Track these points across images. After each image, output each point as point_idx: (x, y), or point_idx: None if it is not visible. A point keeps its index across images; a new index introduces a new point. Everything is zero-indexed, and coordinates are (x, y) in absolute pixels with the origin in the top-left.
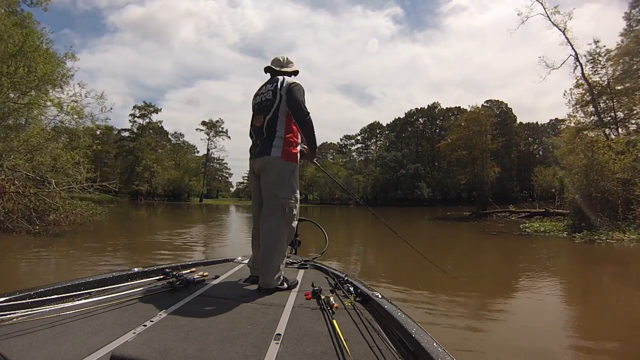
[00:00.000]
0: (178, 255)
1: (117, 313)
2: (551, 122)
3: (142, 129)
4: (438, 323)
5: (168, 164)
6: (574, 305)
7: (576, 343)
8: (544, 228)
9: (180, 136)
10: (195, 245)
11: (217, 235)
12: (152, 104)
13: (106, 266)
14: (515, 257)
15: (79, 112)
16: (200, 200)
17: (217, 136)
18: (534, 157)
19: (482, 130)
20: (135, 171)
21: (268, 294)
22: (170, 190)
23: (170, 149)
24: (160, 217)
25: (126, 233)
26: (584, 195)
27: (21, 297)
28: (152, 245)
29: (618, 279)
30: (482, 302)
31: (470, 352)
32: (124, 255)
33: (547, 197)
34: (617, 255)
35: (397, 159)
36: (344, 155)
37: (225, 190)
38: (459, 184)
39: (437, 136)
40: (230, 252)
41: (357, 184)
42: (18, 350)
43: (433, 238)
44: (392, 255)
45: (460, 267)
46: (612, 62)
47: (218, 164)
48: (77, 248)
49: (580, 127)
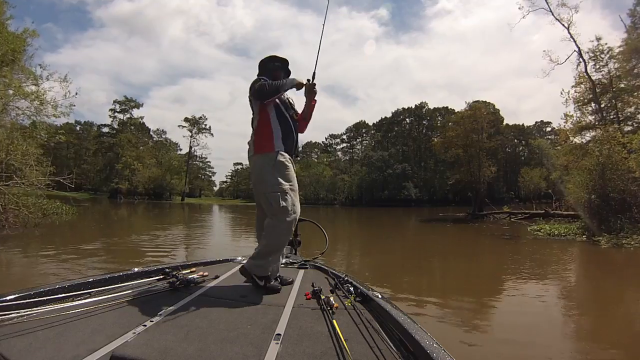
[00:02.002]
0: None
1: (117, 313)
2: (537, 125)
3: (122, 124)
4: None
5: (149, 162)
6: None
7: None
8: (558, 231)
9: (163, 133)
10: (174, 250)
11: (199, 236)
12: (134, 99)
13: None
14: (551, 268)
15: (40, 97)
16: (182, 199)
17: (200, 133)
18: (520, 158)
19: (479, 127)
20: (114, 168)
21: (265, 293)
22: (151, 188)
23: (152, 146)
24: (137, 216)
25: (91, 236)
26: (600, 195)
27: (21, 297)
28: (118, 253)
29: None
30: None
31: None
32: (71, 266)
33: (533, 198)
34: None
35: (384, 159)
36: (329, 154)
37: (208, 189)
38: (447, 184)
39: (424, 136)
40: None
41: (343, 183)
42: (18, 350)
43: (443, 244)
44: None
45: (507, 286)
46: (617, 59)
47: (201, 162)
48: (17, 254)
49: (582, 125)
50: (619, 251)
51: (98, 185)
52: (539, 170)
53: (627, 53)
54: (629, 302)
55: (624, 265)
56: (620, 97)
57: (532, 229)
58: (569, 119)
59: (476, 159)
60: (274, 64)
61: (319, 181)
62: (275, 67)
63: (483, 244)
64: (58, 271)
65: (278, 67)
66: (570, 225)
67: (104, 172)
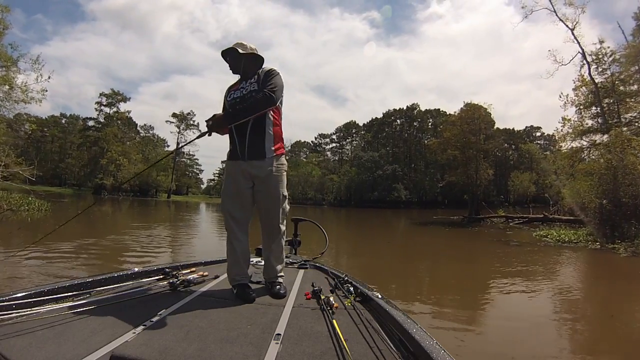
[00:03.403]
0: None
1: (117, 313)
2: (526, 129)
3: (108, 118)
4: None
5: (135, 157)
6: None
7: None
8: (568, 238)
9: (151, 129)
10: (156, 254)
11: (185, 237)
12: (121, 92)
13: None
14: (579, 281)
15: (9, 81)
16: (168, 196)
17: (187, 129)
18: (510, 162)
19: (476, 128)
20: (99, 163)
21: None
22: (136, 185)
23: (139, 142)
24: (121, 214)
25: (60, 235)
26: (612, 201)
27: (21, 297)
28: (90, 258)
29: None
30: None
31: None
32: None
33: (523, 202)
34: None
35: (374, 160)
36: (318, 154)
37: (195, 187)
38: (437, 186)
39: (415, 138)
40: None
41: (332, 183)
42: (18, 350)
43: (451, 251)
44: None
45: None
46: (621, 63)
47: (189, 159)
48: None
49: (583, 129)
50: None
51: (83, 181)
52: (528, 175)
53: (632, 56)
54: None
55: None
56: (623, 101)
57: (538, 235)
58: (567, 123)
59: (474, 160)
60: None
61: (308, 181)
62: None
63: (493, 252)
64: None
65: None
66: (578, 232)
67: (88, 167)
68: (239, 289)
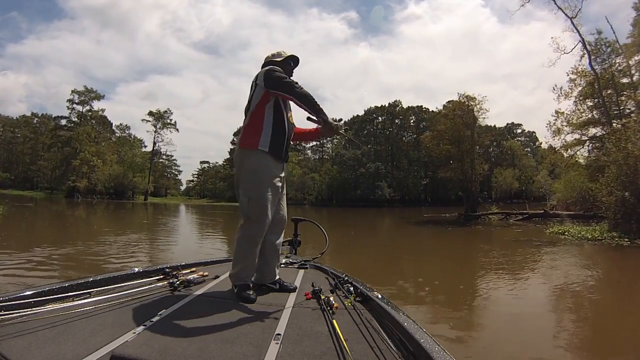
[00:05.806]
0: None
1: (117, 313)
2: (507, 126)
3: (81, 117)
4: None
5: (110, 158)
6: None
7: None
8: (590, 235)
9: (127, 128)
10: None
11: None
12: (94, 90)
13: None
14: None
15: None
16: (145, 198)
17: (164, 128)
18: (492, 159)
19: (470, 122)
20: (71, 165)
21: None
22: (111, 187)
23: (114, 142)
24: (95, 217)
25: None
26: (634, 193)
27: (21, 297)
28: (48, 269)
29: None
30: None
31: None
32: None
33: (505, 198)
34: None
35: (357, 157)
36: (298, 152)
37: (174, 188)
38: (420, 184)
39: (397, 135)
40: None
41: (313, 183)
42: (18, 350)
43: (469, 256)
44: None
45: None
46: (625, 52)
47: (167, 159)
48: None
49: (583, 121)
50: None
51: (55, 184)
52: (511, 171)
53: (633, 46)
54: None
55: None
56: (624, 91)
57: (552, 232)
58: (561, 116)
59: (469, 155)
60: (292, 64)
61: (288, 180)
62: (292, 68)
63: (518, 253)
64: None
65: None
66: (595, 228)
67: (60, 169)
68: (240, 289)
